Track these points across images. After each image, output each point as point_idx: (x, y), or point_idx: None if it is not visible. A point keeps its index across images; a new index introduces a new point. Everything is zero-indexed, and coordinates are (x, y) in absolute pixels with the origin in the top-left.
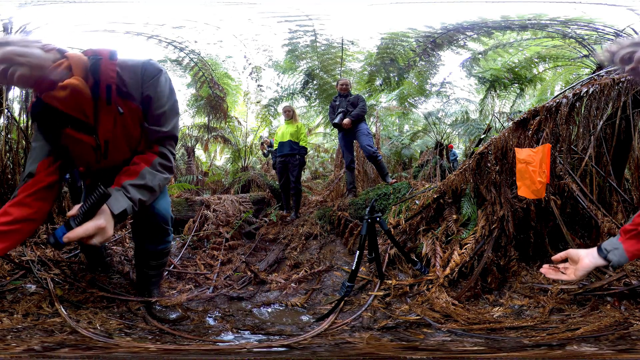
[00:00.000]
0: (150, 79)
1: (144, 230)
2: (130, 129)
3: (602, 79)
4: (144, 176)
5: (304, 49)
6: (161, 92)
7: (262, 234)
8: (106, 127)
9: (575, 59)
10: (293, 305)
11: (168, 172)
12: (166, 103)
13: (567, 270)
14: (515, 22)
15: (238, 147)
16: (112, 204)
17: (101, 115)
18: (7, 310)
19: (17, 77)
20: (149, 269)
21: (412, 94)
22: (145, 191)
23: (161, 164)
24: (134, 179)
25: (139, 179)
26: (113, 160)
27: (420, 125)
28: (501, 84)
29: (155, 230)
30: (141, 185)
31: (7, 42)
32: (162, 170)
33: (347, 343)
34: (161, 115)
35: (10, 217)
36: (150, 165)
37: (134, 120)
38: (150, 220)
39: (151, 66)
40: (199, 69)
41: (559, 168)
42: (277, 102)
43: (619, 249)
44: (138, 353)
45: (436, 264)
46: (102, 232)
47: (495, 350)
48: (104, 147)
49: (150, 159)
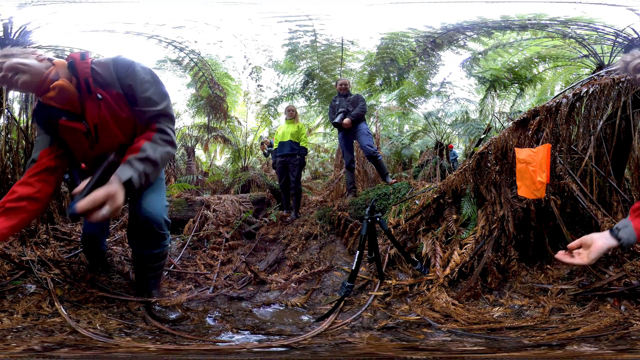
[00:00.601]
0: (126, 69)
1: (139, 236)
2: (117, 111)
3: (602, 79)
4: (145, 150)
5: (304, 49)
6: (141, 79)
7: (262, 234)
8: (92, 112)
9: (575, 59)
10: (293, 305)
11: (170, 145)
12: (150, 87)
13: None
14: (515, 22)
15: (238, 147)
16: (119, 172)
17: (86, 104)
18: (7, 310)
19: (21, 83)
20: (148, 271)
21: (412, 94)
22: (149, 163)
23: (161, 138)
24: (136, 154)
25: (140, 152)
26: (107, 145)
27: (420, 125)
28: (501, 84)
29: (149, 235)
30: (144, 158)
31: (12, 54)
32: (163, 143)
33: (347, 343)
34: (149, 98)
35: (15, 194)
36: (150, 140)
37: (119, 104)
38: (144, 226)
39: (121, 60)
40: (199, 69)
41: (559, 168)
42: (277, 102)
43: (628, 227)
44: (138, 353)
45: (436, 264)
46: (112, 200)
47: (496, 350)
48: (94, 131)
49: (149, 136)
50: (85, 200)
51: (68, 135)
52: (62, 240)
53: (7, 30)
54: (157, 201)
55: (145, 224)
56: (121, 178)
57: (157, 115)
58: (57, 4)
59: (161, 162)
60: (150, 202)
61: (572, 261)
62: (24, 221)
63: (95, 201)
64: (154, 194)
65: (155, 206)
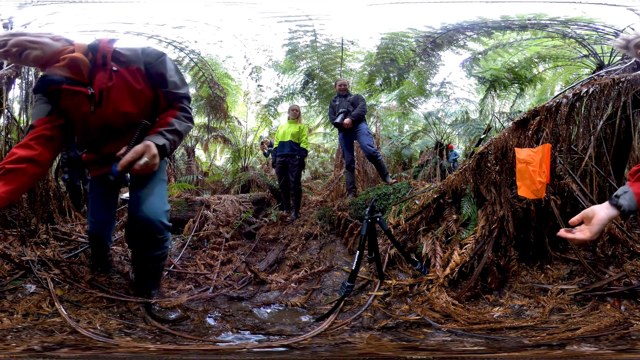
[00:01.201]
0: (157, 57)
1: (137, 238)
2: (131, 82)
3: (602, 79)
4: (172, 124)
5: (304, 49)
6: (170, 67)
7: (262, 234)
8: (101, 80)
9: (575, 59)
10: (293, 305)
11: (190, 122)
12: (175, 74)
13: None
14: (515, 22)
15: (238, 147)
16: (153, 139)
17: (97, 74)
18: (7, 310)
19: (32, 58)
20: (147, 272)
21: (412, 94)
22: (176, 135)
23: (184, 116)
24: (165, 127)
25: (169, 126)
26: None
27: (420, 125)
28: (501, 84)
29: (148, 238)
30: (172, 130)
31: (22, 33)
32: (186, 120)
33: (347, 343)
34: (176, 83)
35: (15, 156)
36: (175, 117)
37: (136, 77)
38: (143, 229)
39: (151, 49)
40: (199, 69)
41: (559, 168)
42: (277, 102)
43: (628, 192)
44: (138, 353)
45: (436, 264)
46: (149, 150)
47: (496, 350)
48: (98, 95)
49: (174, 113)
50: (125, 158)
51: (69, 100)
52: (62, 240)
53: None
54: (157, 204)
55: (143, 227)
56: (157, 142)
57: (181, 97)
58: (57, 4)
59: (184, 134)
60: (150, 205)
61: (574, 237)
62: (24, 185)
63: (136, 152)
64: (155, 196)
65: (154, 210)
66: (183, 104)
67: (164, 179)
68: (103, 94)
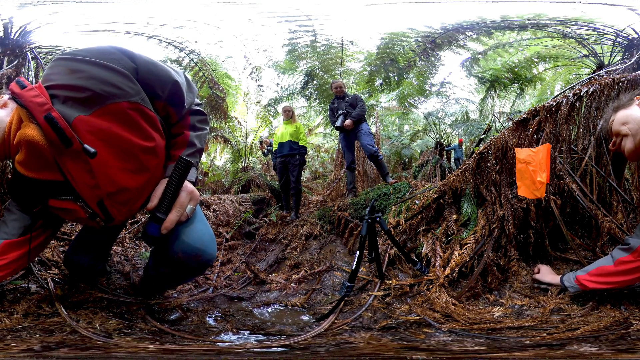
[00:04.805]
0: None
1: (176, 276)
2: (123, 135)
3: (602, 79)
4: (193, 144)
5: (304, 49)
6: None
7: (262, 234)
8: (82, 179)
9: (575, 59)
10: (293, 305)
11: (206, 124)
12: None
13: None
14: (515, 22)
15: (238, 147)
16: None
17: (66, 164)
18: (7, 310)
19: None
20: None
21: (412, 94)
22: (198, 154)
23: (199, 121)
24: (185, 150)
25: (189, 147)
26: (124, 204)
27: (420, 125)
28: (501, 84)
29: (193, 273)
30: (193, 152)
31: None
32: (202, 126)
33: (348, 343)
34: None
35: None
36: (190, 127)
37: (128, 122)
38: (190, 264)
39: (106, 48)
40: (199, 69)
41: (559, 168)
42: (277, 102)
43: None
44: (137, 353)
45: (436, 264)
46: (194, 196)
47: (496, 350)
48: (99, 209)
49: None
50: (170, 219)
51: (62, 214)
52: (62, 241)
53: (7, 30)
54: (202, 230)
55: (188, 260)
56: (193, 181)
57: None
58: (57, 4)
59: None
60: (196, 234)
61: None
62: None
63: (182, 206)
64: (198, 222)
65: (201, 237)
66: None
67: None
68: (105, 203)
